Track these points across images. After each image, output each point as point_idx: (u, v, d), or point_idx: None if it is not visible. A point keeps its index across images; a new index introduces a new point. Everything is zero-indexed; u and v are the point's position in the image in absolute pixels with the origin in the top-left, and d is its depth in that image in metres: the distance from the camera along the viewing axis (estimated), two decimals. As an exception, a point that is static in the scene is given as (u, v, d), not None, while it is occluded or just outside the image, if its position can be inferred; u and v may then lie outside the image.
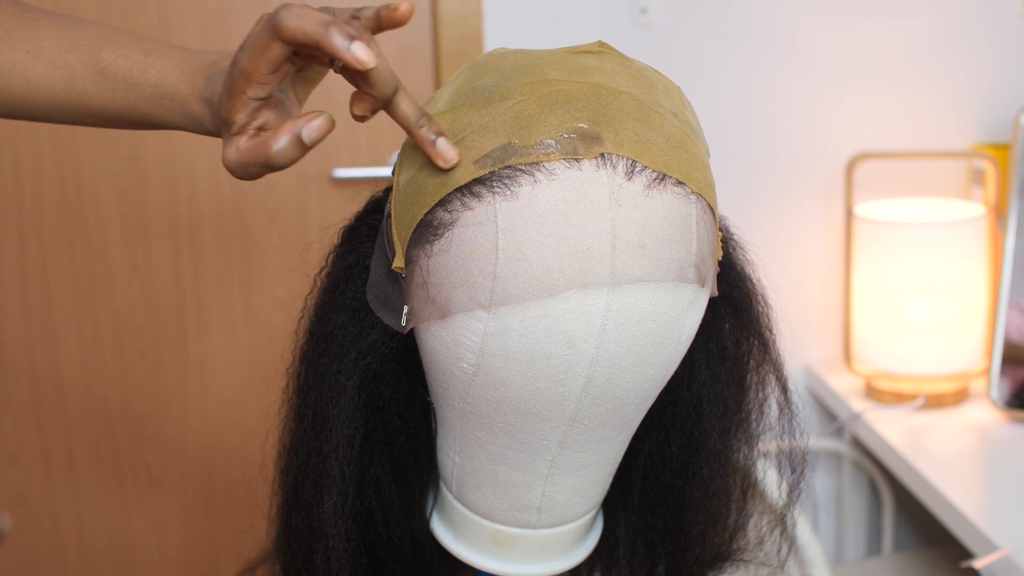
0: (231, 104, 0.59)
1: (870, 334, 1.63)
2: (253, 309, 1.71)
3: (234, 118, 0.59)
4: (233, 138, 0.60)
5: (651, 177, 0.59)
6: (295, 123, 0.58)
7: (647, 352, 0.61)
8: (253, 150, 0.60)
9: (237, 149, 0.60)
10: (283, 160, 0.59)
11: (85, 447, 1.73)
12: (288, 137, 0.58)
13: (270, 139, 0.59)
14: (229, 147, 0.61)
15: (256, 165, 0.60)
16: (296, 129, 0.58)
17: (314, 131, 0.58)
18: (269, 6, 1.62)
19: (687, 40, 1.66)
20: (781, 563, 0.83)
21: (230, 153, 0.61)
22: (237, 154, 0.60)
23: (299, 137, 0.58)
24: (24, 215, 1.65)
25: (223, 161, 0.61)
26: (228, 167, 0.61)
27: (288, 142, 0.58)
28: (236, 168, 0.61)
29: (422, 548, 0.76)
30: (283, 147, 0.59)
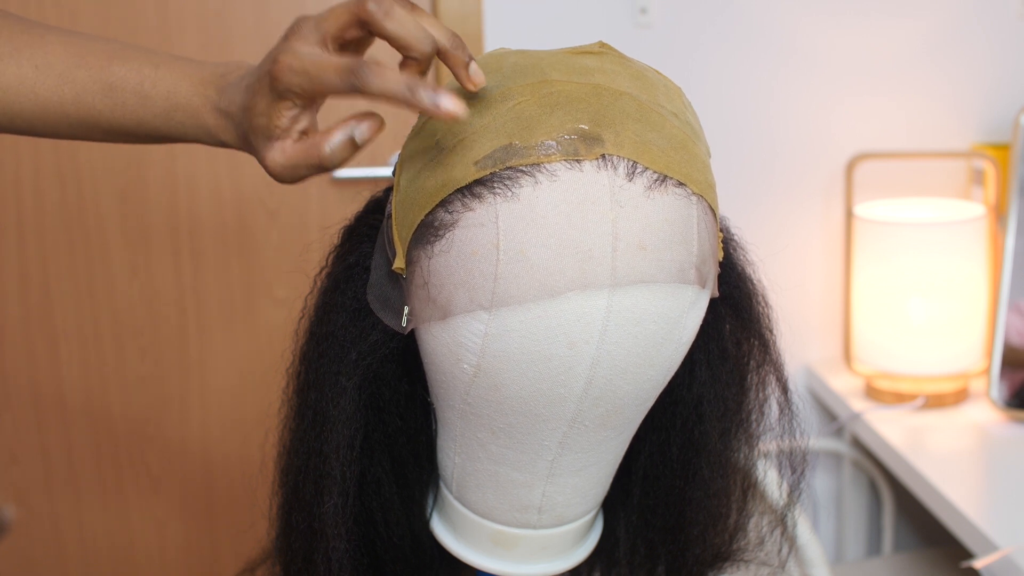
0: (274, 110, 0.59)
1: (870, 334, 1.63)
2: (253, 309, 1.71)
3: (277, 123, 0.60)
4: (275, 143, 0.61)
5: (652, 178, 0.59)
6: (346, 124, 0.59)
7: (648, 353, 0.61)
8: (304, 152, 0.60)
9: (283, 152, 0.61)
10: (336, 161, 0.60)
11: (85, 447, 1.73)
12: (341, 138, 0.59)
13: (321, 140, 0.59)
14: (272, 151, 0.61)
15: (307, 167, 0.61)
16: (348, 130, 0.59)
17: (366, 131, 0.59)
18: (269, 7, 1.62)
19: (687, 40, 1.66)
20: (781, 563, 0.83)
21: (276, 156, 0.61)
22: (284, 157, 0.61)
23: (352, 138, 0.59)
24: (24, 215, 1.65)
25: (268, 165, 0.61)
26: (273, 170, 0.61)
27: (340, 143, 0.59)
28: (284, 171, 0.61)
29: (422, 548, 0.76)
30: (336, 148, 0.59)
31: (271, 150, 0.61)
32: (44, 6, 1.58)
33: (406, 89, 0.56)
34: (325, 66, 0.57)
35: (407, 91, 0.56)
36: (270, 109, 0.59)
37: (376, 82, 0.56)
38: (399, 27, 0.56)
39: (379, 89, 0.56)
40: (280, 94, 0.59)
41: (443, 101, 0.55)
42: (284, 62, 0.58)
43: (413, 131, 0.66)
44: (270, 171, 0.62)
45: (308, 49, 0.58)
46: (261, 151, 0.61)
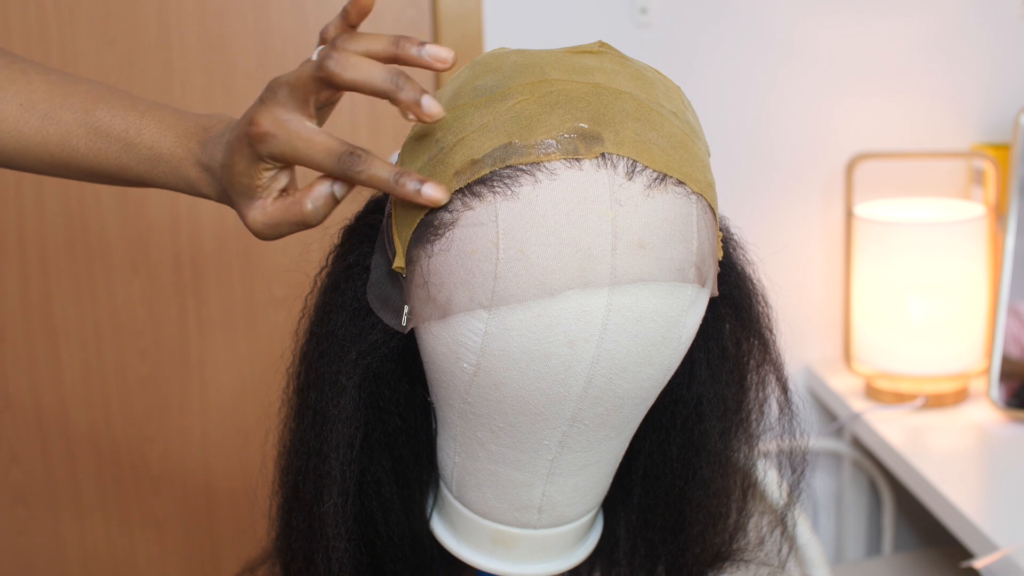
0: (254, 170, 0.61)
1: (870, 334, 1.63)
2: (253, 309, 1.71)
3: (257, 183, 0.61)
4: (256, 202, 0.62)
5: (651, 177, 0.59)
6: (325, 180, 0.61)
7: (648, 352, 0.61)
8: (285, 211, 0.62)
9: (264, 211, 0.62)
10: (318, 217, 0.62)
11: (85, 447, 1.73)
12: (322, 192, 0.61)
13: (303, 198, 0.61)
14: (253, 210, 0.63)
15: (289, 224, 0.62)
16: (327, 186, 0.61)
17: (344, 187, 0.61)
18: (269, 7, 1.62)
19: (687, 40, 1.66)
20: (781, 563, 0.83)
21: (256, 216, 0.63)
22: (265, 216, 0.62)
23: (332, 194, 0.61)
24: (24, 215, 1.65)
25: (249, 224, 0.63)
26: (255, 229, 0.63)
27: (322, 199, 0.61)
28: (265, 229, 0.63)
29: (422, 548, 0.76)
30: (318, 204, 0.61)
31: (252, 209, 0.63)
32: (44, 6, 1.58)
33: (393, 180, 0.58)
34: (316, 146, 0.59)
35: (393, 182, 0.58)
36: (250, 169, 0.61)
37: (366, 172, 0.58)
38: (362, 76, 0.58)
39: (368, 178, 0.59)
40: (260, 158, 0.60)
41: (427, 189, 0.58)
42: (264, 127, 0.59)
43: (413, 131, 0.66)
44: (251, 229, 0.63)
45: (289, 116, 0.59)
46: (242, 209, 0.63)
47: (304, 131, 0.59)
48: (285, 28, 1.64)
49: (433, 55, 0.59)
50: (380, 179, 0.59)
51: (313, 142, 0.59)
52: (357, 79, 0.58)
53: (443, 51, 0.59)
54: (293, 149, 0.59)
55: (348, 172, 0.59)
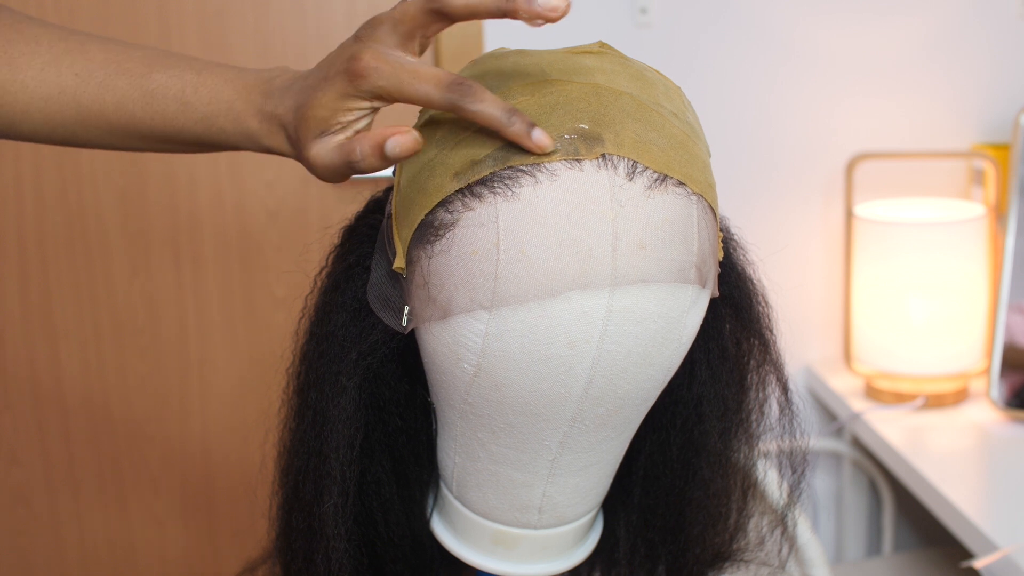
0: (341, 105, 0.58)
1: (870, 334, 1.63)
2: (253, 309, 1.71)
3: (339, 118, 0.59)
4: (325, 137, 0.60)
5: (652, 178, 0.59)
6: (383, 131, 0.58)
7: (648, 353, 0.61)
8: (344, 148, 0.59)
9: (329, 146, 0.60)
10: (364, 166, 0.59)
11: (85, 447, 1.73)
12: (372, 144, 0.58)
13: (361, 138, 0.59)
14: (318, 145, 0.60)
15: (343, 163, 0.60)
16: (379, 138, 0.58)
17: (396, 147, 0.58)
18: (269, 7, 1.62)
19: (687, 40, 1.66)
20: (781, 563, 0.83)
21: (321, 149, 0.60)
22: (328, 150, 0.60)
23: (381, 147, 0.58)
24: (24, 215, 1.65)
25: (312, 157, 0.60)
26: (315, 162, 0.60)
27: (371, 148, 0.58)
28: (324, 164, 0.60)
29: (422, 548, 0.76)
30: (366, 152, 0.59)
31: (318, 144, 0.60)
32: (44, 6, 1.58)
33: (504, 117, 0.56)
34: (422, 75, 0.56)
35: (505, 119, 0.56)
36: (337, 103, 0.58)
37: (476, 105, 0.56)
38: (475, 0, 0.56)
39: (477, 111, 0.56)
40: (359, 93, 0.58)
41: (536, 133, 0.56)
42: (369, 62, 0.57)
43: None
44: (313, 164, 0.60)
45: (392, 51, 0.57)
46: (308, 143, 0.60)
47: (409, 63, 0.57)
48: (285, 28, 1.64)
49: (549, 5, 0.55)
50: (490, 115, 0.56)
51: (420, 73, 0.57)
52: (472, 3, 0.56)
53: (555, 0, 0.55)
54: (398, 82, 0.57)
55: (457, 104, 0.56)
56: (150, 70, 0.66)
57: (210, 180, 1.66)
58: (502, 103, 0.56)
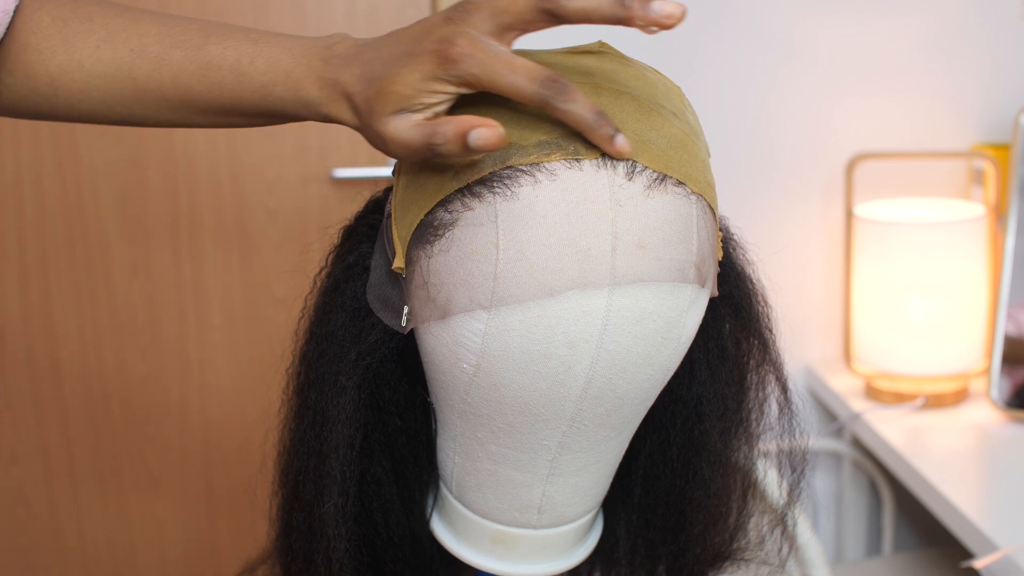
0: (427, 87, 0.57)
1: (870, 334, 1.63)
2: (253, 309, 1.71)
3: (423, 99, 0.58)
4: (407, 114, 0.58)
5: (651, 177, 0.59)
6: (471, 120, 0.56)
7: (647, 352, 0.61)
8: (426, 128, 0.58)
9: (411, 124, 0.58)
10: (444, 150, 0.58)
11: (85, 447, 1.73)
12: (457, 130, 0.57)
13: (447, 122, 0.57)
14: (399, 120, 0.58)
15: (422, 143, 0.58)
16: (466, 126, 0.57)
17: (480, 139, 0.56)
18: (269, 7, 1.62)
19: (687, 40, 1.66)
20: (781, 563, 0.83)
21: (401, 125, 0.58)
22: (410, 127, 0.58)
23: (464, 136, 0.57)
24: (24, 215, 1.65)
25: (390, 132, 0.59)
26: (394, 137, 0.59)
27: (455, 134, 0.57)
28: (402, 141, 0.59)
29: (422, 548, 0.76)
30: (449, 136, 0.57)
31: (398, 119, 0.58)
32: None
33: (593, 118, 0.56)
34: (516, 67, 0.55)
35: (593, 120, 0.56)
36: (423, 84, 0.57)
37: (568, 105, 0.55)
38: (591, 3, 0.55)
39: (567, 111, 0.56)
40: (448, 77, 0.57)
41: (619, 140, 0.56)
42: (463, 48, 0.56)
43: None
44: (389, 138, 0.59)
45: (487, 39, 0.56)
46: (384, 118, 0.59)
47: (505, 54, 0.56)
48: (285, 28, 1.64)
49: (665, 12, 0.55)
50: (579, 116, 0.55)
51: (514, 64, 0.55)
52: (587, 7, 0.55)
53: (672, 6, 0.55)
54: (491, 71, 0.55)
55: (549, 101, 0.55)
56: (206, 42, 0.65)
57: (210, 180, 1.66)
58: (592, 105, 0.56)
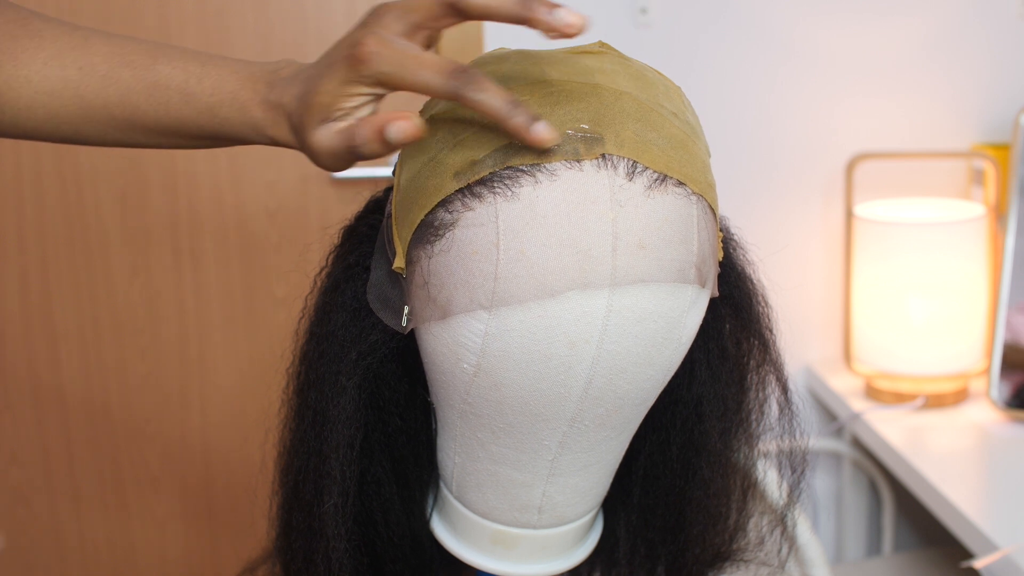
0: (343, 91, 0.58)
1: (870, 334, 1.63)
2: (253, 309, 1.71)
3: (341, 104, 0.58)
4: (328, 123, 0.59)
5: (652, 178, 0.59)
6: (385, 116, 0.57)
7: (648, 353, 0.61)
8: (346, 133, 0.58)
9: (331, 132, 0.59)
10: (366, 151, 0.58)
11: (85, 447, 1.73)
12: (373, 128, 0.57)
13: (362, 122, 0.58)
14: (320, 131, 0.59)
15: (345, 148, 0.59)
16: (380, 123, 0.57)
17: (398, 132, 0.57)
18: (268, 7, 1.62)
19: (687, 40, 1.66)
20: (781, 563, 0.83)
21: (322, 135, 0.59)
22: (331, 136, 0.59)
23: (381, 132, 0.57)
24: (24, 215, 1.65)
25: (312, 144, 0.59)
26: (316, 148, 0.59)
27: (372, 133, 0.57)
28: (326, 150, 0.59)
29: (422, 548, 0.76)
30: (367, 136, 0.57)
31: (320, 130, 0.59)
32: (44, 6, 1.58)
33: (506, 108, 0.55)
34: (425, 62, 0.55)
35: (506, 110, 0.55)
36: (339, 89, 0.58)
37: (478, 95, 0.55)
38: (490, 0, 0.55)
39: (478, 100, 0.55)
40: (360, 79, 0.57)
41: (538, 127, 0.56)
42: (371, 47, 0.56)
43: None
44: (315, 150, 0.60)
45: (396, 39, 0.56)
46: (310, 131, 0.59)
47: (412, 49, 0.56)
48: (285, 28, 1.64)
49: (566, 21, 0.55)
50: (491, 105, 0.55)
51: (423, 60, 0.55)
52: (490, 5, 0.55)
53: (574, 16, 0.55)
54: (400, 67, 0.55)
55: (459, 92, 0.55)
56: (154, 62, 0.65)
57: (210, 180, 1.66)
58: (505, 94, 0.56)
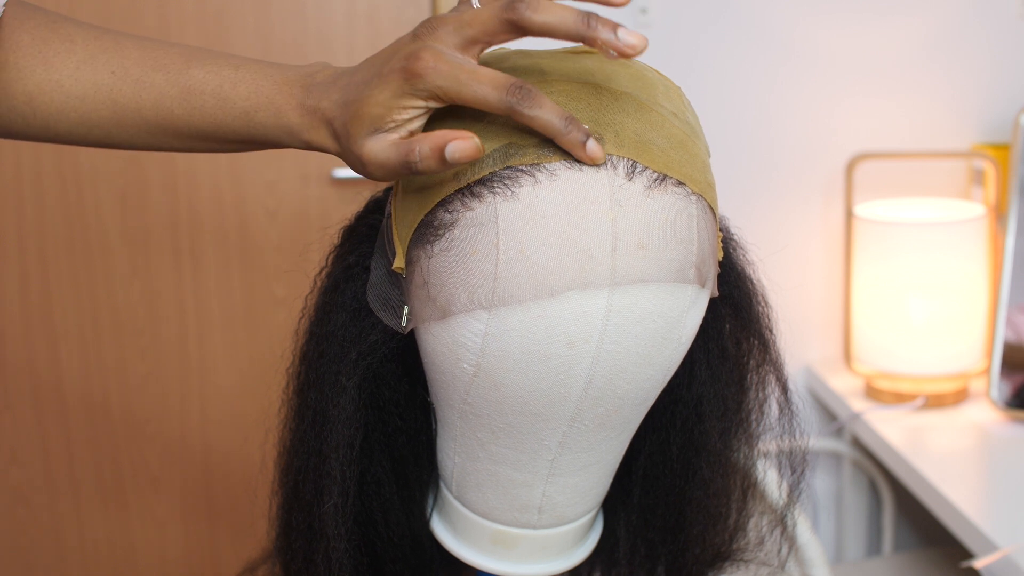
0: (397, 103, 0.57)
1: (870, 334, 1.63)
2: (253, 309, 1.71)
3: (394, 116, 0.58)
4: (381, 134, 0.59)
5: (652, 178, 0.59)
6: (446, 134, 0.57)
7: (648, 353, 0.61)
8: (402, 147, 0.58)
9: (386, 144, 0.59)
10: (422, 167, 0.58)
11: (85, 447, 1.73)
12: (432, 146, 0.57)
13: (422, 139, 0.58)
14: (374, 142, 0.59)
15: (399, 161, 0.58)
16: (441, 141, 0.57)
17: (457, 152, 0.56)
18: (269, 7, 1.62)
19: (687, 40, 1.66)
20: (781, 563, 0.83)
21: (376, 146, 0.59)
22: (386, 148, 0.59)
23: (441, 150, 0.57)
24: (24, 215, 1.65)
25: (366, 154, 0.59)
26: (369, 158, 0.59)
27: (431, 150, 0.57)
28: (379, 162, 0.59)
29: (422, 548, 0.76)
30: (425, 153, 0.57)
31: (374, 140, 0.59)
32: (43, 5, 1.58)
33: (562, 124, 0.56)
34: (481, 77, 0.56)
35: (562, 126, 0.56)
36: (393, 102, 0.57)
37: (534, 111, 0.56)
38: (556, 19, 0.55)
39: (534, 116, 0.56)
40: (415, 92, 0.57)
41: (591, 145, 0.57)
42: (428, 61, 0.56)
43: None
44: (367, 160, 0.59)
45: (451, 52, 0.56)
46: (360, 141, 0.59)
47: (468, 64, 0.56)
48: (285, 28, 1.64)
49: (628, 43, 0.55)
50: (547, 121, 0.56)
51: (479, 75, 0.56)
52: (551, 22, 0.55)
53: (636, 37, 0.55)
54: (457, 83, 0.56)
55: (515, 108, 0.55)
56: (187, 66, 0.65)
57: (210, 180, 1.66)
58: (560, 110, 0.56)
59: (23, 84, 0.65)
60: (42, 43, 0.66)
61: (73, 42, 0.66)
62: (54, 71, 0.65)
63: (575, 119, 0.56)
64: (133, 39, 0.67)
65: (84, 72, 0.66)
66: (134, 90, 0.65)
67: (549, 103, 0.56)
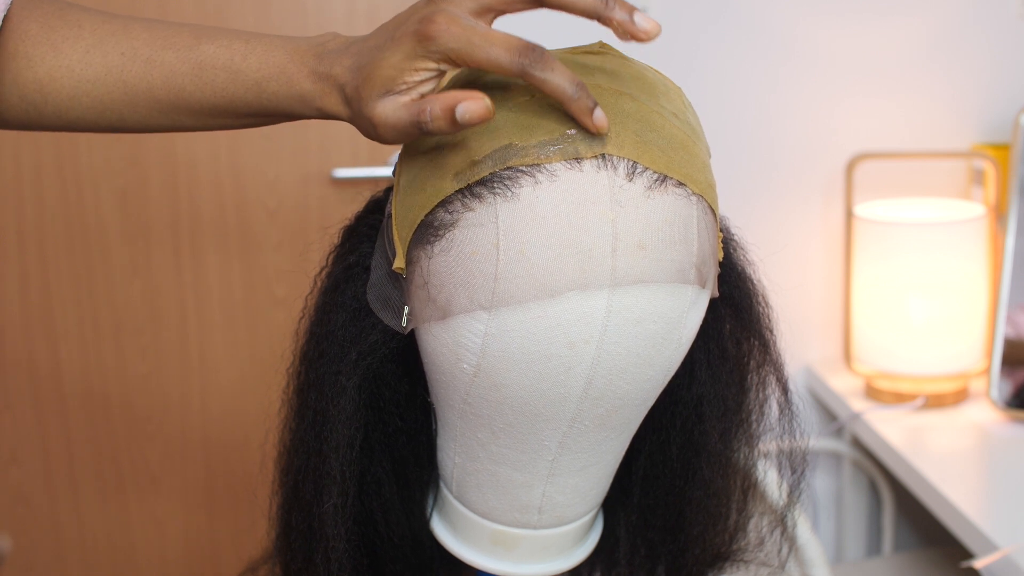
0: (409, 65, 0.58)
1: (870, 334, 1.63)
2: (253, 309, 1.71)
3: (406, 78, 0.58)
4: (392, 96, 0.59)
5: (652, 178, 0.59)
6: (457, 95, 0.57)
7: (648, 353, 0.61)
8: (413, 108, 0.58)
9: (397, 106, 0.59)
10: (433, 127, 0.58)
11: (85, 447, 1.73)
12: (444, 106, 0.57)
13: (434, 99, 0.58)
14: (385, 103, 0.59)
15: (411, 123, 0.58)
16: (452, 101, 0.57)
17: (467, 112, 0.56)
18: (269, 7, 1.62)
19: (687, 40, 1.66)
20: (781, 563, 0.83)
21: (388, 107, 0.59)
22: (396, 109, 0.59)
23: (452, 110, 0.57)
24: (24, 215, 1.64)
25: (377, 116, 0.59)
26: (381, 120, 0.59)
27: (442, 110, 0.57)
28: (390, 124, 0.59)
29: (422, 548, 0.76)
30: (436, 113, 0.57)
31: (385, 102, 0.59)
32: None
33: (572, 89, 0.56)
34: (494, 40, 0.56)
35: (572, 91, 0.56)
36: (405, 64, 0.58)
37: (545, 73, 0.56)
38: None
39: (545, 79, 0.56)
40: (428, 54, 0.57)
41: (598, 114, 0.56)
42: (441, 23, 0.56)
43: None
44: (378, 122, 0.59)
45: (464, 16, 0.57)
46: (372, 103, 0.59)
47: (481, 27, 0.56)
48: (285, 28, 1.64)
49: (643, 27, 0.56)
50: (557, 85, 0.56)
51: (491, 37, 0.56)
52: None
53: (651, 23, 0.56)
54: (469, 45, 0.56)
55: (527, 70, 0.56)
56: (197, 42, 0.65)
57: (210, 179, 1.66)
58: (571, 75, 0.56)
59: (34, 72, 0.66)
60: (50, 30, 0.66)
61: (81, 27, 0.66)
62: (64, 57, 0.66)
63: (585, 86, 0.56)
64: (141, 21, 0.67)
65: (94, 56, 0.66)
66: (145, 69, 0.65)
67: (561, 67, 0.56)
